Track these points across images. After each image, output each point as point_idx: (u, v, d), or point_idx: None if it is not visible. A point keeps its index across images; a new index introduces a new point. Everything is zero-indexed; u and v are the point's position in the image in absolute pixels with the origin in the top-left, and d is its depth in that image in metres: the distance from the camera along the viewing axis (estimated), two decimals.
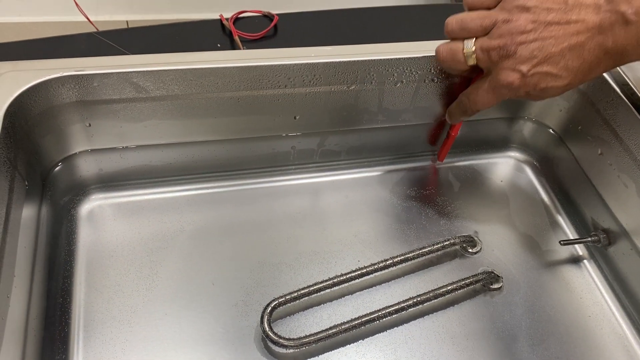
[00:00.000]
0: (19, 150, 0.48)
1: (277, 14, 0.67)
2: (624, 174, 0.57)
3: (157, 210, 0.57)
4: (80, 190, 0.57)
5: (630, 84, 0.57)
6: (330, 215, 0.60)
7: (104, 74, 0.50)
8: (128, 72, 0.51)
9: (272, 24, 0.65)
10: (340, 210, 0.61)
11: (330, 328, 0.50)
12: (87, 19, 0.79)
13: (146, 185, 0.58)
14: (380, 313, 0.51)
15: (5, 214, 0.43)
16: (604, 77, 0.59)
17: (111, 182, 0.58)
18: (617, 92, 0.57)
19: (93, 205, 0.57)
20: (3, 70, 0.49)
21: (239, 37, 0.62)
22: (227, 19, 0.65)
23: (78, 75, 0.50)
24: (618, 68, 0.58)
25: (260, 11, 0.67)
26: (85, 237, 0.54)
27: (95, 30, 0.66)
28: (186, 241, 0.56)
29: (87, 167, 0.56)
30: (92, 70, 0.50)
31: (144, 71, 0.51)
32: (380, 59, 0.56)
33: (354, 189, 0.63)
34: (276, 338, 0.48)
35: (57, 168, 0.54)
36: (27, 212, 0.49)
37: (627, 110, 0.56)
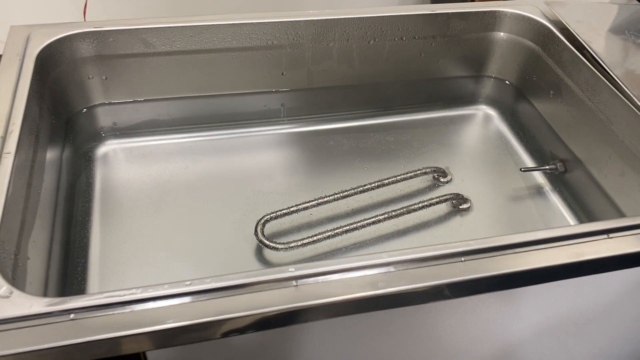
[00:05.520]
0: (46, 90, 0.57)
1: None
2: (572, 108, 0.65)
3: (164, 153, 0.66)
4: (97, 136, 0.65)
5: (569, 27, 0.66)
6: (319, 157, 0.68)
7: (118, 30, 0.60)
8: (138, 28, 0.60)
9: None
10: (327, 152, 0.69)
11: (315, 235, 0.56)
12: None
13: (154, 133, 0.67)
14: (357, 224, 0.58)
15: (35, 140, 0.52)
16: (548, 27, 0.68)
17: (124, 130, 0.66)
18: (560, 39, 0.66)
19: (108, 149, 0.65)
20: (38, 28, 0.59)
21: None
22: None
23: (97, 32, 0.60)
24: (558, 15, 0.67)
25: None
26: (102, 174, 0.62)
27: None
28: (191, 176, 0.64)
29: (103, 116, 0.65)
30: (108, 27, 0.60)
31: (151, 28, 0.61)
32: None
33: (341, 137, 0.71)
34: (268, 242, 0.55)
35: (79, 116, 0.63)
36: (54, 154, 0.57)
37: (571, 52, 0.65)
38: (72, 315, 0.35)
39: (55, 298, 0.35)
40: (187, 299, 0.36)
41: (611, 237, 0.43)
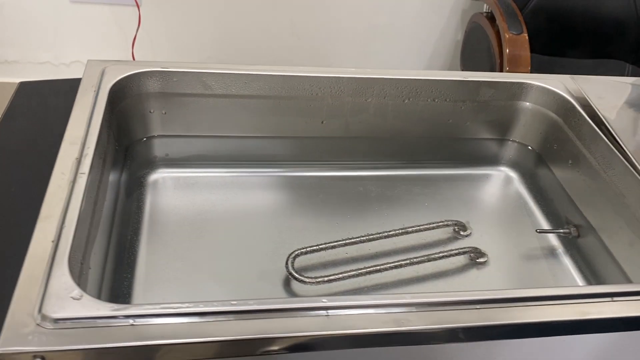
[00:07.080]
0: (114, 119, 0.64)
1: None
2: (588, 178, 0.70)
3: (208, 185, 0.72)
4: (151, 164, 0.72)
5: (591, 103, 0.71)
6: (348, 200, 0.73)
7: (182, 72, 0.67)
8: (200, 72, 0.67)
9: None
10: (356, 197, 0.74)
11: (340, 273, 0.61)
12: None
13: (201, 166, 0.73)
14: (380, 267, 0.63)
15: (102, 164, 0.58)
16: (570, 101, 0.73)
17: (175, 161, 0.73)
18: (580, 113, 0.71)
19: (159, 176, 0.71)
20: (112, 64, 0.67)
21: None
22: None
23: (164, 72, 0.67)
24: (582, 91, 0.73)
25: None
26: (151, 199, 0.69)
27: None
28: (230, 208, 0.69)
29: (158, 147, 0.72)
30: (174, 69, 0.67)
31: (212, 72, 0.68)
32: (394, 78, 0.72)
33: (370, 184, 0.77)
34: (297, 275, 0.60)
35: (137, 144, 0.70)
36: (114, 176, 0.64)
37: (589, 126, 0.70)
38: (131, 321, 0.40)
39: (119, 304, 0.40)
40: (231, 317, 0.41)
41: (615, 300, 0.47)
